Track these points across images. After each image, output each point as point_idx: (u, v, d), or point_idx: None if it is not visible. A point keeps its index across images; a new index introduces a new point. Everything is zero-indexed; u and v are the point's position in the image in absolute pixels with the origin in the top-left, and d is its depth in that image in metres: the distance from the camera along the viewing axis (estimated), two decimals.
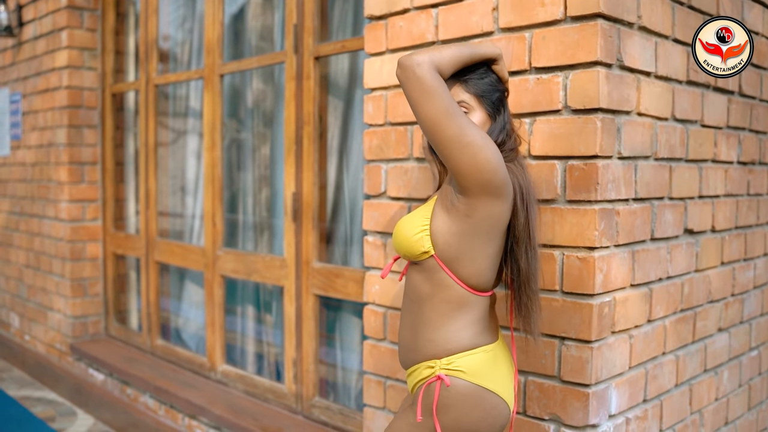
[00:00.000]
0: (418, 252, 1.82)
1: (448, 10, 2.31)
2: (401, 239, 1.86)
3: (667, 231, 2.33)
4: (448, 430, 1.80)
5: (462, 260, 1.80)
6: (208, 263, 3.84)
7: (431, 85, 1.70)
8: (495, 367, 1.84)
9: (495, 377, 1.83)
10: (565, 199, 2.05)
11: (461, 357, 1.81)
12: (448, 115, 1.70)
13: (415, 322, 1.89)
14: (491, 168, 1.71)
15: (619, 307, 2.11)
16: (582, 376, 2.03)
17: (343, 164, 3.28)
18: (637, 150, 2.15)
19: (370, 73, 2.57)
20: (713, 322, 2.65)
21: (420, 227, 1.82)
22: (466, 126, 1.71)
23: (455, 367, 1.80)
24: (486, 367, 1.82)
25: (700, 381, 2.59)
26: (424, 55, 1.73)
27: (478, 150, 1.70)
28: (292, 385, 3.32)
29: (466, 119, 1.72)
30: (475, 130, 1.72)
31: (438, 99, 1.70)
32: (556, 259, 2.07)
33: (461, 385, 1.80)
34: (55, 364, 4.83)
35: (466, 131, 1.70)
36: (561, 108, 2.04)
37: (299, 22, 3.20)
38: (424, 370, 1.86)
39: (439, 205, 1.83)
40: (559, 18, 2.03)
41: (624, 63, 2.06)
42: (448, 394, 1.79)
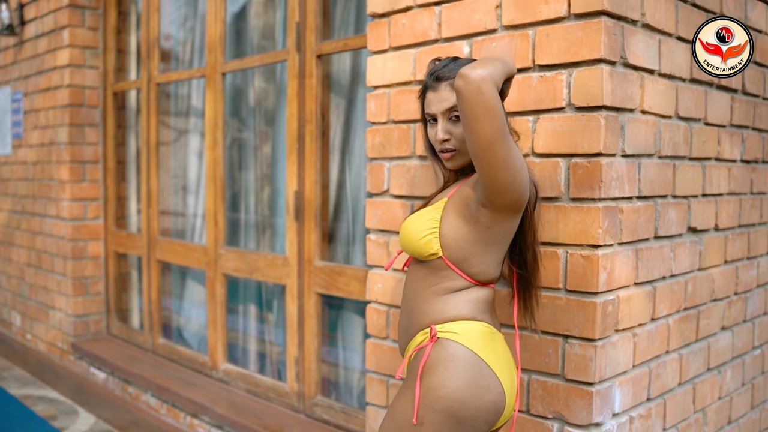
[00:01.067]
0: (426, 253, 1.82)
1: (451, 8, 2.30)
2: (409, 240, 1.85)
3: (670, 229, 2.33)
4: (431, 393, 1.72)
5: (472, 261, 1.81)
6: (210, 262, 3.84)
7: (494, 103, 1.63)
8: (492, 344, 1.80)
9: (490, 352, 1.77)
10: (568, 197, 2.04)
11: (455, 323, 1.79)
12: (503, 136, 1.65)
13: (414, 305, 1.88)
14: (523, 189, 1.73)
15: (623, 305, 2.11)
16: (586, 374, 2.02)
17: (346, 162, 3.27)
18: (641, 148, 2.14)
19: (373, 70, 2.56)
20: (716, 320, 2.64)
21: (428, 230, 1.82)
22: (513, 147, 1.69)
23: (448, 329, 1.78)
24: (482, 338, 1.78)
25: (704, 380, 2.58)
26: (486, 70, 1.64)
27: (518, 172, 1.70)
28: (294, 384, 3.31)
29: (511, 140, 1.70)
30: (518, 152, 1.72)
31: (499, 118, 1.64)
32: (559, 257, 2.06)
33: (452, 345, 1.75)
34: (57, 362, 4.83)
35: (514, 153, 1.69)
36: (565, 106, 2.03)
37: (301, 20, 3.19)
38: (418, 337, 1.84)
39: (454, 211, 1.82)
40: (562, 15, 2.03)
41: (628, 61, 2.05)
42: (437, 354, 1.75)
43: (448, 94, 1.84)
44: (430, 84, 1.89)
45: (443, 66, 1.89)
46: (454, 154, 1.86)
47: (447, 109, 1.84)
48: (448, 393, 1.71)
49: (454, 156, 1.87)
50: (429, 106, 1.89)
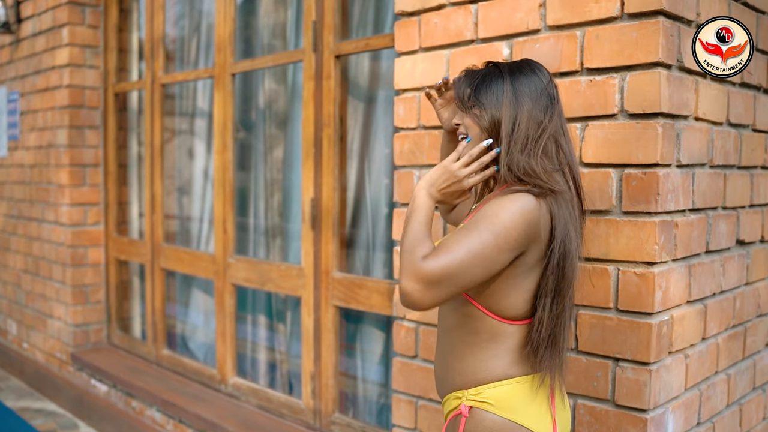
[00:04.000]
0: None
1: (489, 6, 2.16)
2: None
3: (721, 243, 2.19)
4: None
5: (495, 296, 1.63)
6: (219, 271, 3.68)
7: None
8: (531, 400, 1.65)
9: (530, 411, 1.64)
10: (620, 210, 1.90)
11: (490, 387, 1.64)
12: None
13: (444, 351, 1.75)
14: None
15: (676, 325, 1.97)
16: (639, 400, 1.89)
17: (365, 168, 3.12)
18: (695, 157, 2.01)
19: (401, 73, 2.42)
20: (762, 336, 2.52)
21: None
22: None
23: (483, 398, 1.64)
24: (519, 400, 1.64)
25: (749, 400, 2.45)
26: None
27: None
28: (309, 401, 3.16)
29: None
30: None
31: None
32: (610, 274, 1.92)
33: (488, 418, 1.62)
34: (56, 373, 4.65)
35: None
36: (617, 112, 1.90)
37: (318, 19, 3.04)
38: (452, 401, 1.71)
39: None
40: (615, 15, 1.89)
41: (684, 64, 1.92)
42: (473, 428, 1.63)
43: (458, 107, 1.71)
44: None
45: (465, 80, 1.71)
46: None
47: (456, 125, 1.73)
48: None
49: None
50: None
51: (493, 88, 1.64)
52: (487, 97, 1.64)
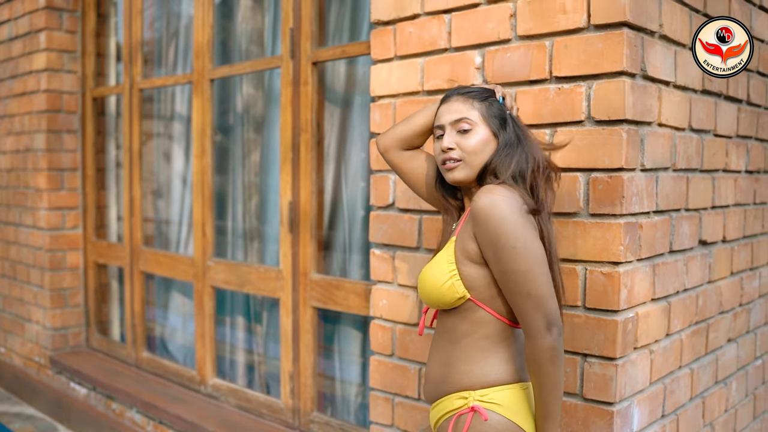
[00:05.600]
0: (453, 299, 1.72)
1: (462, 16, 2.24)
2: (431, 290, 1.74)
3: (684, 243, 2.29)
4: None
5: (502, 296, 1.71)
6: (198, 274, 3.72)
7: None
8: (531, 406, 1.74)
9: (532, 418, 1.72)
10: (588, 213, 1.99)
11: (498, 390, 1.70)
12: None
13: (449, 358, 1.78)
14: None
15: (641, 322, 2.06)
16: (606, 394, 1.98)
17: (342, 172, 3.19)
18: (659, 161, 2.10)
19: (377, 80, 2.49)
20: (724, 333, 2.62)
21: (448, 273, 1.72)
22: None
23: (491, 399, 1.69)
24: (524, 404, 1.72)
25: (712, 393, 2.56)
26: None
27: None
28: (288, 400, 3.22)
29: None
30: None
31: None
32: (578, 273, 2.01)
33: (496, 420, 1.68)
34: (34, 377, 4.66)
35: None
36: (584, 119, 1.99)
37: (296, 26, 3.11)
38: (455, 401, 1.74)
39: (463, 254, 1.72)
40: (582, 26, 1.98)
41: (647, 73, 2.01)
42: (480, 428, 1.68)
43: (459, 105, 1.79)
44: (443, 100, 1.84)
45: (460, 87, 1.85)
46: (458, 165, 1.77)
47: (456, 120, 1.77)
48: None
49: (457, 167, 1.77)
50: (439, 119, 1.82)
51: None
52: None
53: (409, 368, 2.43)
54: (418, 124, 1.97)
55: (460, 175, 1.78)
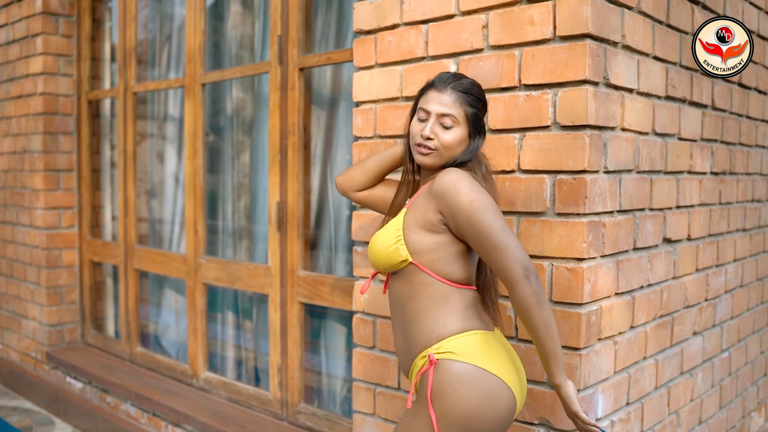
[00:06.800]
0: (396, 261, 1.89)
1: (438, 27, 2.37)
2: (377, 253, 1.93)
3: (648, 240, 2.43)
4: (447, 417, 1.78)
5: (443, 260, 1.88)
6: (190, 271, 3.86)
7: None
8: (488, 349, 1.85)
9: (490, 358, 1.83)
10: (554, 212, 2.12)
11: (450, 340, 1.84)
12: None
13: (404, 324, 1.94)
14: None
15: (605, 315, 2.20)
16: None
17: (328, 173, 3.33)
18: (622, 164, 2.24)
19: (359, 86, 2.62)
20: (689, 326, 2.76)
21: (394, 238, 1.89)
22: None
23: (445, 349, 1.83)
24: (478, 348, 1.84)
25: (677, 383, 2.69)
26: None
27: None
28: (277, 392, 3.35)
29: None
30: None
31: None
32: (545, 269, 2.14)
33: (454, 366, 1.81)
34: (31, 372, 4.79)
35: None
36: (550, 124, 2.12)
37: (284, 33, 3.24)
38: (418, 362, 1.89)
39: (416, 223, 1.89)
40: (548, 37, 2.11)
41: (610, 81, 2.14)
42: (441, 378, 1.80)
43: (450, 101, 1.92)
44: (437, 84, 1.95)
45: (455, 77, 1.96)
46: (431, 153, 1.93)
47: (442, 114, 1.91)
48: (464, 413, 1.78)
49: (430, 154, 1.93)
50: (427, 102, 1.94)
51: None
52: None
53: (390, 359, 2.56)
54: (371, 171, 2.18)
55: (429, 162, 1.95)
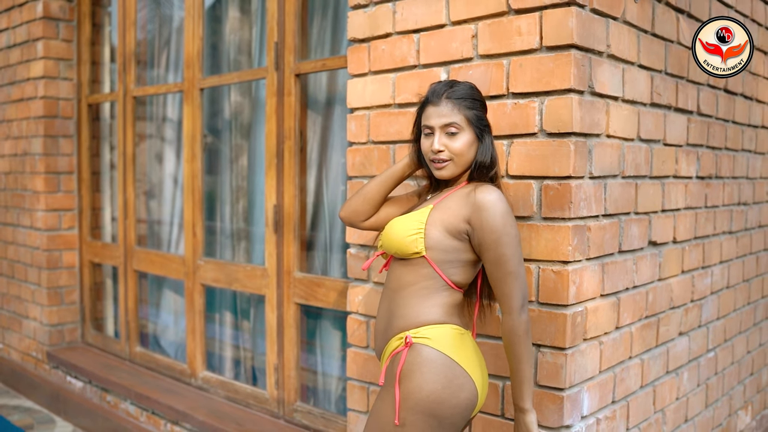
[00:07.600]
0: (410, 251, 1.98)
1: (429, 36, 2.45)
2: (394, 238, 2.01)
3: (633, 243, 2.50)
4: (411, 397, 1.89)
5: (453, 263, 1.99)
6: (189, 272, 3.93)
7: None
8: (462, 345, 1.96)
9: (460, 351, 1.94)
10: (540, 216, 2.19)
11: (429, 328, 1.96)
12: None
13: (390, 305, 2.04)
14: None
15: (590, 316, 2.27)
16: (557, 380, 2.18)
17: (323, 177, 3.40)
18: (607, 169, 2.31)
19: (353, 93, 2.69)
20: (675, 327, 2.83)
21: (415, 230, 1.98)
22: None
23: (422, 335, 1.94)
24: (452, 340, 1.95)
25: (663, 382, 2.76)
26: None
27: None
28: (273, 391, 3.43)
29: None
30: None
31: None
32: (532, 272, 2.21)
33: (426, 350, 1.92)
34: (31, 372, 4.86)
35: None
36: (537, 131, 2.19)
37: (280, 40, 3.31)
38: (394, 343, 2.00)
39: (441, 223, 1.98)
40: (535, 47, 2.18)
41: (595, 89, 2.21)
42: (413, 360, 1.91)
43: (448, 110, 2.01)
44: (432, 99, 2.05)
45: (447, 86, 2.05)
46: (446, 164, 2.03)
47: (445, 124, 2.01)
48: (427, 395, 1.89)
49: (446, 166, 2.03)
50: (428, 119, 2.05)
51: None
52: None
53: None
54: (372, 198, 2.24)
55: (447, 173, 2.05)
